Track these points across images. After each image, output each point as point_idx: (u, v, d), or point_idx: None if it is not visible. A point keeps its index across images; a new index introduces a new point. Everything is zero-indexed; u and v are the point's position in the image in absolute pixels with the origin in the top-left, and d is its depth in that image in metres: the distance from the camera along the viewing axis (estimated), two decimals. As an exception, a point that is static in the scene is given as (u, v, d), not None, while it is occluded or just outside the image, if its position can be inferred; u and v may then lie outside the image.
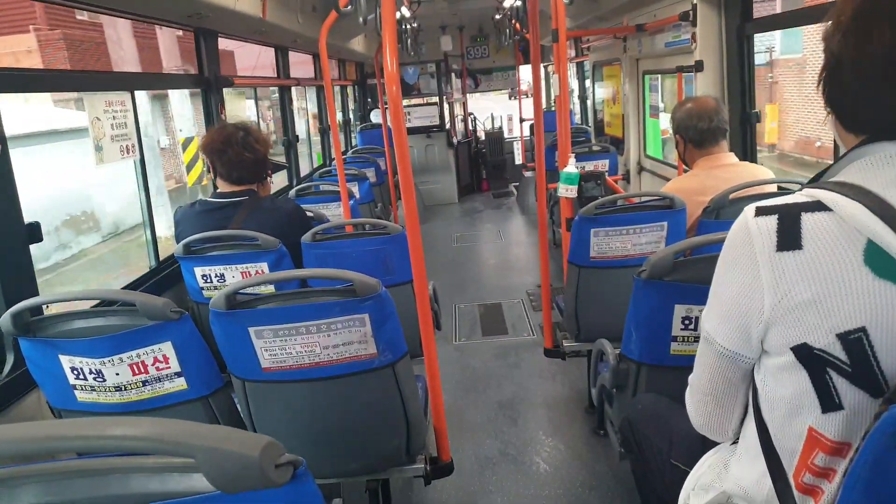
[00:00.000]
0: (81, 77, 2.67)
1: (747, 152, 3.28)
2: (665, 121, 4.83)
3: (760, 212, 0.87)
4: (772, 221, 0.84)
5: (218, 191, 2.47)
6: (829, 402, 0.82)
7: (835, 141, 0.95)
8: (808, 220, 0.81)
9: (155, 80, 5.19)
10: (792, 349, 0.83)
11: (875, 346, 0.77)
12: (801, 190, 0.86)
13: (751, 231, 0.86)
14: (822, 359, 0.81)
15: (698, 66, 3.40)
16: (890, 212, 0.76)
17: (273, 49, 5.18)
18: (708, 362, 1.01)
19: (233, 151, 2.36)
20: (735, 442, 1.08)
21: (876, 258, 0.76)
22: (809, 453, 0.86)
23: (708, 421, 1.09)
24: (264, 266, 2.32)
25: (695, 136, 2.39)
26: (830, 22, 0.85)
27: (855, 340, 0.78)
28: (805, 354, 0.82)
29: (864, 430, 0.77)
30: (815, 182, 0.88)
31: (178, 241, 2.41)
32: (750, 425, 0.98)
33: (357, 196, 4.49)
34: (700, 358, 1.05)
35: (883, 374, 0.78)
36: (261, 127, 5.14)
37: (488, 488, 2.54)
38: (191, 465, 0.65)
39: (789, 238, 0.82)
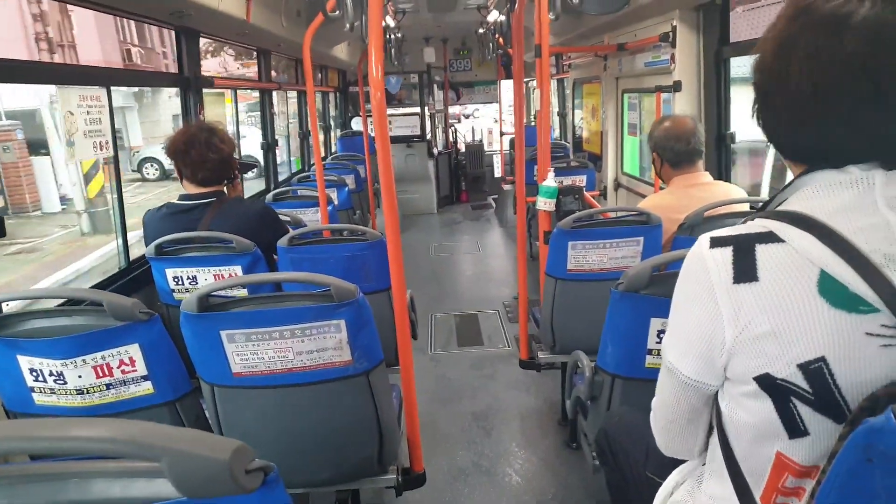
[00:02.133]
0: (55, 69, 2.61)
1: (722, 172, 3.33)
2: (643, 138, 4.90)
3: (715, 243, 0.86)
4: (727, 253, 0.84)
5: (184, 193, 2.42)
6: (794, 428, 0.82)
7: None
8: (762, 251, 0.81)
9: (132, 77, 5.10)
10: (755, 379, 0.83)
11: (835, 374, 0.77)
12: (752, 219, 0.86)
13: (707, 263, 0.86)
14: (784, 388, 0.81)
15: (676, 87, 3.46)
16: (839, 241, 0.77)
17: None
18: (671, 391, 1.01)
19: (195, 152, 2.32)
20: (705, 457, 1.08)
21: (829, 288, 0.77)
22: (778, 477, 0.86)
23: (673, 444, 1.09)
24: (238, 269, 2.28)
25: (671, 157, 2.44)
26: (757, 53, 0.87)
27: (815, 370, 0.78)
28: (768, 384, 0.82)
29: (828, 454, 0.77)
30: (764, 209, 0.88)
31: (146, 246, 2.36)
32: (715, 448, 0.98)
33: (335, 202, 4.46)
34: (663, 386, 1.04)
35: (845, 400, 0.78)
36: (240, 130, 5.10)
37: (460, 500, 2.52)
38: (156, 469, 0.62)
39: (745, 270, 0.82)
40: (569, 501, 2.47)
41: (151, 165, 16.21)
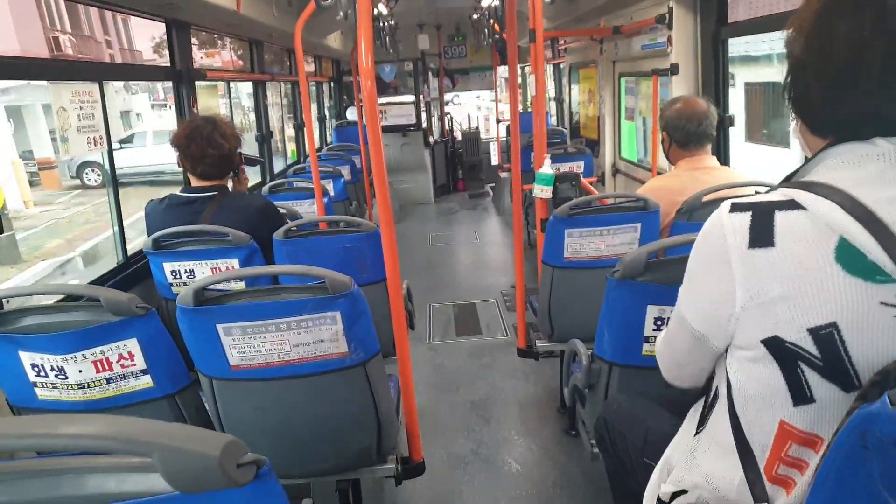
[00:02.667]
0: (47, 65, 2.60)
1: (720, 156, 3.32)
2: (640, 123, 4.88)
3: (735, 208, 0.88)
4: (745, 219, 0.86)
5: (189, 185, 2.42)
6: (800, 395, 0.84)
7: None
8: (781, 217, 0.83)
9: (124, 72, 5.07)
10: (763, 342, 0.85)
11: (846, 341, 0.78)
12: (775, 189, 0.88)
13: (724, 227, 0.88)
14: (793, 352, 0.82)
15: (673, 70, 3.44)
16: (862, 210, 0.77)
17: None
18: (681, 337, 1.04)
19: (195, 146, 2.32)
20: (700, 430, 1.09)
21: (847, 255, 0.77)
22: (782, 445, 0.88)
23: (680, 378, 1.14)
24: (235, 262, 2.28)
25: (681, 137, 2.41)
26: (793, 28, 0.88)
27: (826, 336, 0.79)
28: (776, 347, 0.84)
29: (835, 424, 0.78)
30: (787, 181, 0.89)
31: (148, 237, 2.36)
32: (721, 419, 0.99)
33: (331, 193, 4.45)
34: (673, 328, 1.08)
35: (854, 368, 0.79)
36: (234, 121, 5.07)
37: (460, 488, 2.53)
38: (149, 464, 0.63)
39: (762, 235, 0.83)
40: (568, 488, 2.48)
41: (93, 171, 14.73)
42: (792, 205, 0.83)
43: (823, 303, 0.79)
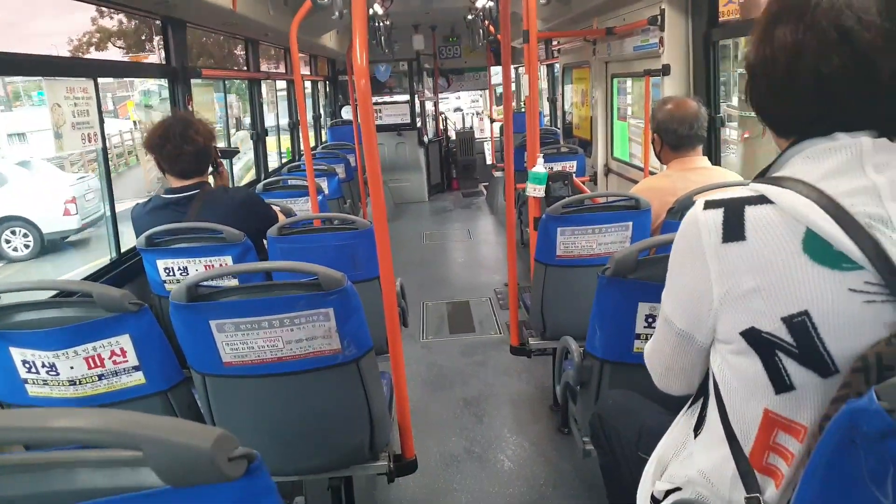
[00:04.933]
0: (41, 61, 2.59)
1: (711, 156, 3.33)
2: (632, 122, 4.90)
3: (709, 205, 0.91)
4: (718, 215, 0.89)
5: (168, 186, 2.41)
6: (780, 383, 0.86)
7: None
8: (751, 212, 0.86)
9: (119, 69, 5.05)
10: (741, 334, 0.87)
11: (819, 327, 0.81)
12: (747, 186, 0.90)
13: (699, 224, 0.91)
14: (770, 342, 0.85)
15: (665, 70, 3.45)
16: (826, 201, 0.81)
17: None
18: (667, 339, 1.06)
19: (171, 146, 2.31)
20: (693, 418, 1.10)
21: (813, 245, 0.81)
22: (769, 433, 0.90)
23: (671, 385, 1.15)
24: (228, 259, 2.28)
25: (672, 140, 2.40)
26: (750, 36, 0.93)
27: (799, 323, 0.82)
28: (754, 338, 0.86)
29: (816, 411, 0.83)
30: (757, 178, 0.93)
31: (136, 238, 2.36)
32: (712, 413, 1.00)
33: (326, 192, 4.45)
34: (659, 333, 1.10)
35: (829, 354, 0.81)
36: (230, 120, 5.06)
37: (452, 486, 2.54)
38: (138, 458, 0.63)
39: (734, 230, 0.86)
40: (560, 486, 2.49)
41: (21, 233, 8.92)
42: (761, 199, 0.86)
43: (794, 292, 0.82)
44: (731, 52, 3.37)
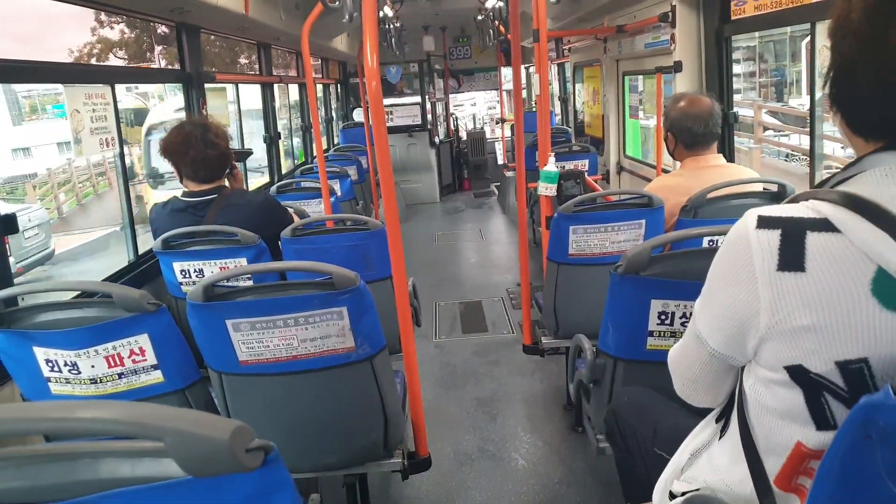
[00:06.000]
0: (60, 69, 2.64)
1: (725, 153, 3.32)
2: (644, 121, 4.89)
3: (763, 224, 0.80)
4: (774, 237, 0.79)
5: (187, 190, 2.44)
6: (822, 421, 0.80)
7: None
8: (813, 240, 0.75)
9: (136, 75, 5.13)
10: (786, 368, 0.80)
11: (876, 376, 0.74)
12: (806, 198, 0.80)
13: (751, 244, 0.81)
14: (818, 383, 0.78)
15: (677, 67, 3.45)
16: None
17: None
18: (697, 357, 0.99)
19: (195, 151, 2.33)
20: (719, 423, 1.06)
21: (885, 288, 0.72)
22: (799, 463, 0.85)
23: (696, 398, 1.08)
24: (243, 261, 2.31)
25: (687, 139, 2.38)
26: (835, 21, 0.79)
27: (856, 370, 0.75)
28: (800, 375, 0.79)
29: None
30: (821, 186, 0.82)
31: (154, 239, 2.39)
32: (736, 425, 0.96)
33: (338, 193, 4.48)
34: (688, 350, 1.02)
35: None
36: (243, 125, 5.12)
37: (466, 484, 2.55)
38: (160, 449, 0.65)
39: (792, 258, 0.77)
40: (574, 484, 2.49)
41: None
42: (825, 226, 0.75)
43: (855, 337, 0.74)
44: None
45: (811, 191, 0.81)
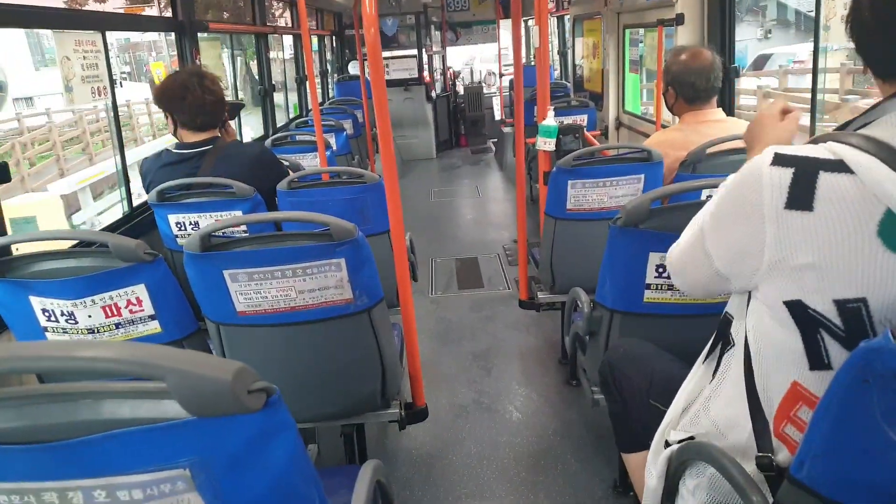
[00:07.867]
0: (46, 13, 2.56)
1: (726, 107, 3.28)
2: (644, 76, 4.82)
3: (778, 161, 0.81)
4: (787, 175, 0.79)
5: (182, 141, 2.40)
6: (817, 360, 0.81)
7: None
8: (825, 180, 0.76)
9: (127, 22, 4.97)
10: (786, 303, 0.82)
11: (874, 316, 0.75)
12: (825, 140, 0.80)
13: (762, 180, 0.82)
14: (816, 320, 0.79)
15: (679, 20, 3.38)
16: None
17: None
18: (703, 270, 1.01)
19: (192, 96, 2.28)
20: (714, 377, 1.08)
21: (891, 230, 0.72)
22: (792, 405, 0.86)
23: (691, 294, 1.14)
24: (239, 213, 2.28)
25: (688, 93, 2.34)
26: None
27: (853, 309, 0.76)
28: (799, 312, 0.81)
29: None
30: (842, 128, 0.82)
31: (146, 192, 2.36)
32: (736, 368, 0.98)
33: (334, 147, 4.43)
34: (695, 259, 1.03)
35: None
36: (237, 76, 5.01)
37: (461, 435, 2.59)
38: (162, 389, 0.65)
39: (801, 197, 0.77)
40: (568, 435, 2.54)
41: None
42: (840, 166, 0.75)
43: (856, 277, 0.75)
44: None
45: (832, 133, 0.81)
